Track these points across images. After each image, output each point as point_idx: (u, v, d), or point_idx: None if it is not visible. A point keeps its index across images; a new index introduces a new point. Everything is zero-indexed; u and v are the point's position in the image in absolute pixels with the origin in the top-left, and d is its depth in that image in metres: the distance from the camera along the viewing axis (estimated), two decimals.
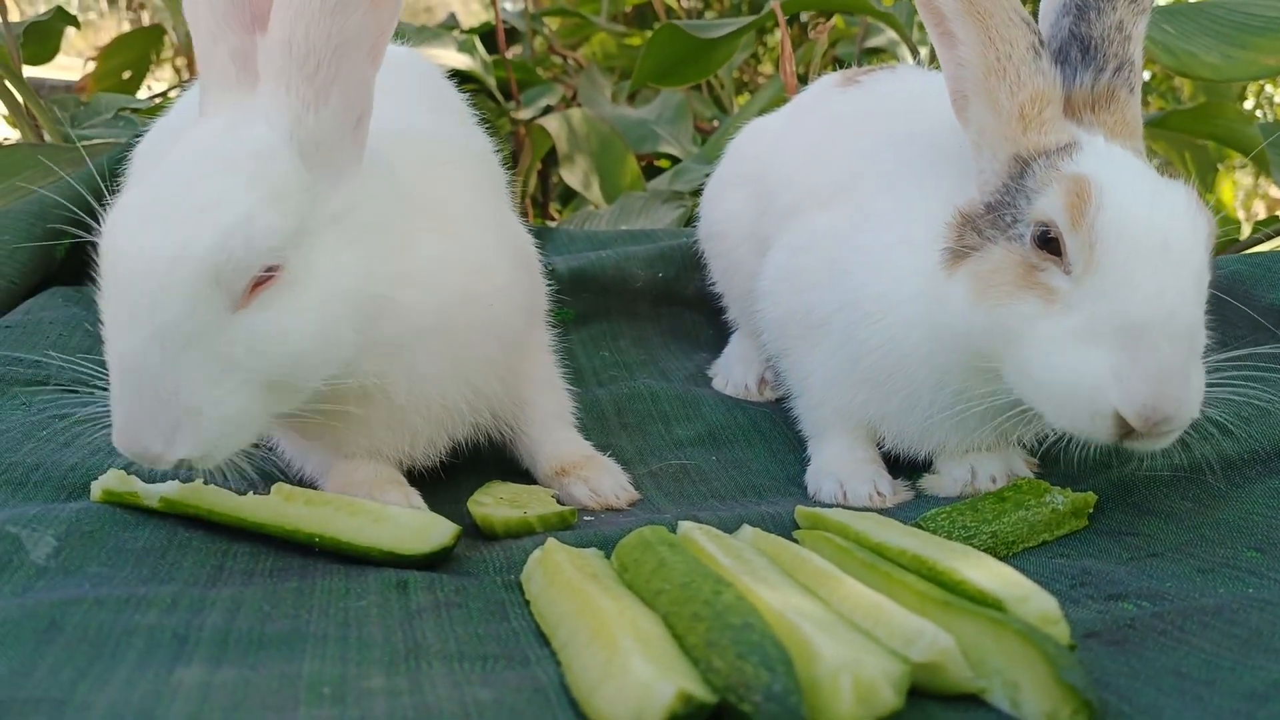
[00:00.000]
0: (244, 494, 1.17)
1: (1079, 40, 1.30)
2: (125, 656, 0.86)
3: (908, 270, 1.35)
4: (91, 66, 3.73)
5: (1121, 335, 1.12)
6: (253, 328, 1.07)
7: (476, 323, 1.30)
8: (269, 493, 1.19)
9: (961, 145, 1.35)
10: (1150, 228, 1.14)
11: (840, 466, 1.48)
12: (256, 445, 1.15)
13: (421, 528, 1.16)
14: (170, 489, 1.15)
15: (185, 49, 3.72)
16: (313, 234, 1.12)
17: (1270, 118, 6.26)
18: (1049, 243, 1.19)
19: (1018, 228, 1.23)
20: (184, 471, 1.08)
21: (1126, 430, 1.13)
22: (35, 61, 3.28)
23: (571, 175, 3.31)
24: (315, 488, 1.30)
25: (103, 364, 1.59)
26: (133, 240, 1.04)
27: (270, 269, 1.07)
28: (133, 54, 3.87)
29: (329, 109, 1.13)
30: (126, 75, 3.86)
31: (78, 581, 0.99)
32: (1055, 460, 1.47)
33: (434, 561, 1.15)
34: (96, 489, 1.17)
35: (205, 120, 1.15)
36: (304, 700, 0.81)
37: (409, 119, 1.35)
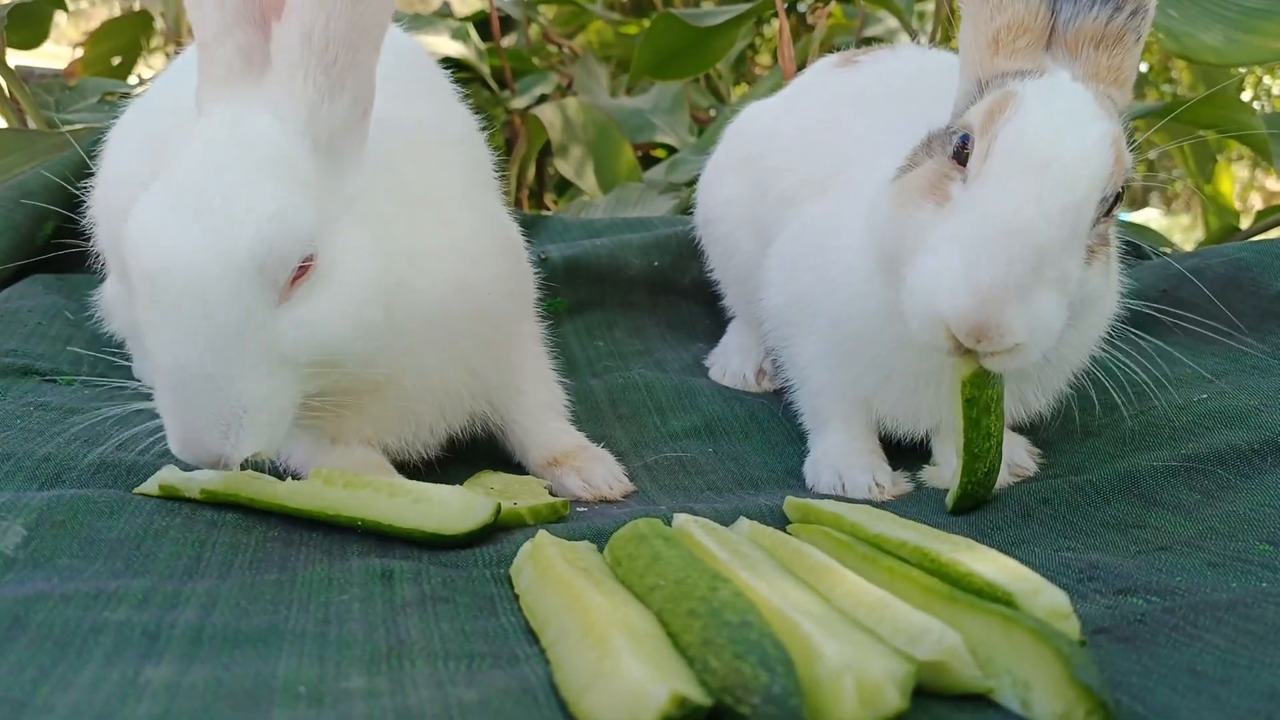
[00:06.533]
0: (282, 479, 1.17)
1: None
2: (92, 655, 0.82)
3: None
4: (80, 53, 3.68)
5: (971, 243, 1.11)
6: (298, 319, 1.08)
7: (473, 310, 1.30)
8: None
9: None
10: (1041, 148, 1.12)
11: (839, 457, 1.45)
12: None
13: (463, 506, 1.17)
14: (210, 479, 1.15)
15: (174, 35, 3.67)
16: (334, 221, 1.12)
17: (1269, 109, 6.25)
18: (963, 155, 1.18)
19: (952, 140, 1.22)
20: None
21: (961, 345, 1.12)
22: (25, 47, 3.23)
23: (567, 165, 3.27)
24: (298, 478, 1.27)
25: (83, 354, 1.57)
26: (166, 244, 1.04)
27: (306, 260, 1.08)
28: (122, 40, 3.82)
29: (343, 100, 1.13)
30: (116, 61, 3.82)
31: (46, 574, 0.95)
32: (1059, 450, 1.44)
33: (476, 539, 1.16)
34: (153, 484, 1.16)
35: (209, 116, 1.13)
36: (278, 701, 0.77)
37: (391, 101, 1.31)
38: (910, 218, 1.19)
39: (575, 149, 3.30)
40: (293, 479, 1.20)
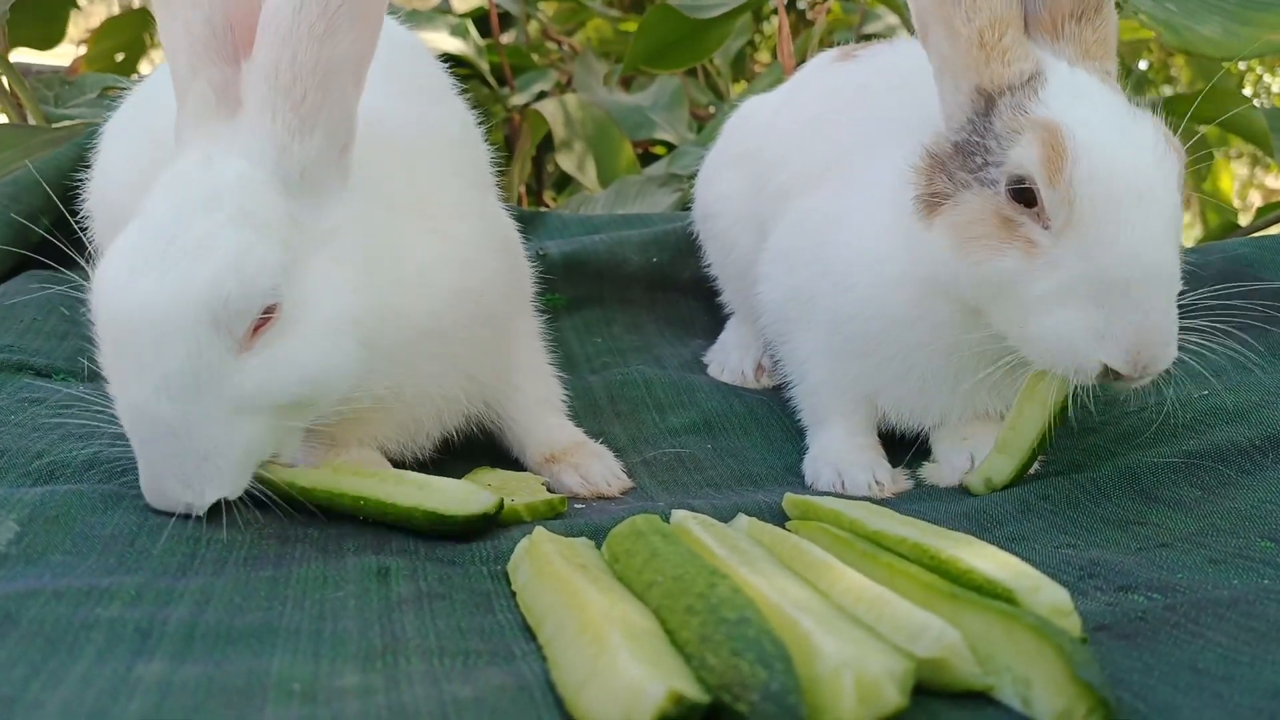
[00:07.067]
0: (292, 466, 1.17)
1: None
2: (83, 652, 0.81)
3: (879, 228, 1.32)
4: (83, 50, 3.67)
5: (1103, 292, 1.14)
6: (261, 366, 1.06)
7: (471, 317, 1.29)
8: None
9: None
10: (1125, 179, 1.14)
11: (839, 454, 1.45)
12: None
13: (466, 493, 1.17)
14: None
15: None
16: (302, 263, 1.10)
17: (1268, 105, 6.26)
18: (1023, 193, 1.17)
19: (990, 171, 1.21)
20: None
21: (1113, 374, 1.16)
22: (43, 45, 3.22)
23: (567, 161, 3.26)
24: None
25: (78, 351, 1.56)
26: (125, 289, 1.03)
27: (269, 309, 1.06)
28: (125, 36, 3.81)
29: (315, 137, 1.11)
30: (119, 58, 3.81)
31: (38, 570, 0.94)
32: (1059, 447, 1.43)
33: (475, 529, 1.15)
34: None
35: (181, 155, 1.12)
36: (271, 699, 0.76)
37: (384, 102, 1.30)
38: (991, 265, 1.19)
39: (576, 145, 3.29)
40: None
